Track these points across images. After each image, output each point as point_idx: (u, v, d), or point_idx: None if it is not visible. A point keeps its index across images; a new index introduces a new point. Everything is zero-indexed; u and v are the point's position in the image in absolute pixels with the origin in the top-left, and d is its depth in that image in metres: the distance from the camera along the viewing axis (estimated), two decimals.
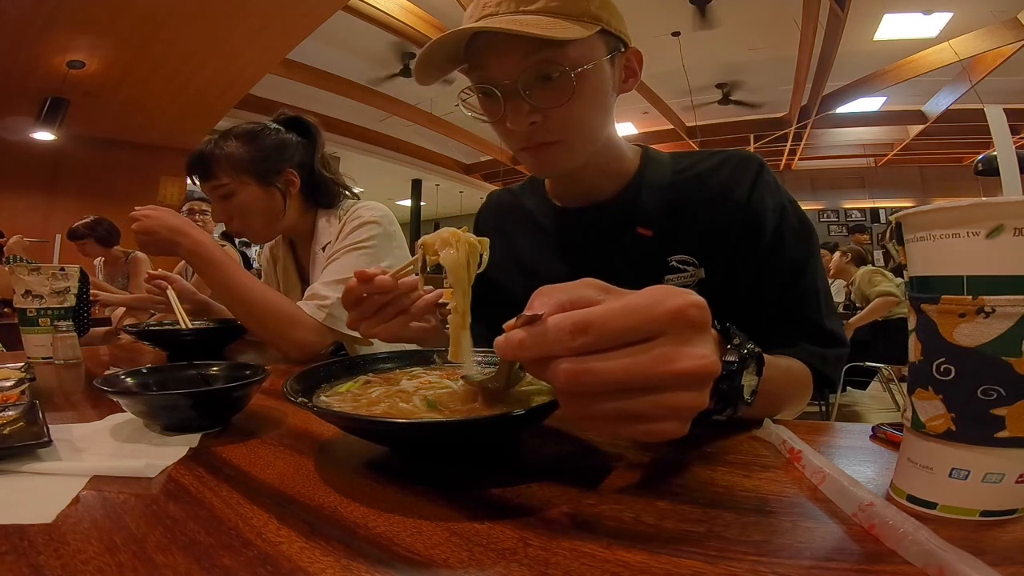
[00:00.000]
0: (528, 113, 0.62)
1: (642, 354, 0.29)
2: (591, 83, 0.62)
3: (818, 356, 0.63)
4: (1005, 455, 0.29)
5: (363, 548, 0.29)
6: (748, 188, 0.68)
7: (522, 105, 0.61)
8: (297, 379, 0.47)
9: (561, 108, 0.61)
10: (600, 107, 0.65)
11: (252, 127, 1.12)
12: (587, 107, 0.63)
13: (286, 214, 1.14)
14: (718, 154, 0.74)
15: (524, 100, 0.61)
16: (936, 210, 0.30)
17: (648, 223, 0.71)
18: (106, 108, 4.83)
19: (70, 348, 0.95)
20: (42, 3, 3.35)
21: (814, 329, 0.65)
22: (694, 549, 0.28)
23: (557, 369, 0.29)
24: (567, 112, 0.62)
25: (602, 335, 0.29)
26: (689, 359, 0.29)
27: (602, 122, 0.68)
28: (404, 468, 0.41)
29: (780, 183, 0.71)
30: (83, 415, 0.58)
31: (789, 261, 0.66)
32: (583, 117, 0.64)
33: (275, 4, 3.67)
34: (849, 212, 9.47)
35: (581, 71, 0.60)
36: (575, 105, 0.62)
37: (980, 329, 0.29)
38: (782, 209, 0.68)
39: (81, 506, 0.35)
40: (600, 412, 0.30)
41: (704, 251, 0.69)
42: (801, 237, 0.67)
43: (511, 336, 0.31)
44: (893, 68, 5.65)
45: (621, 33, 0.64)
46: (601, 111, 0.66)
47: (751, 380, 0.43)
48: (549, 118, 0.63)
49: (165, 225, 0.97)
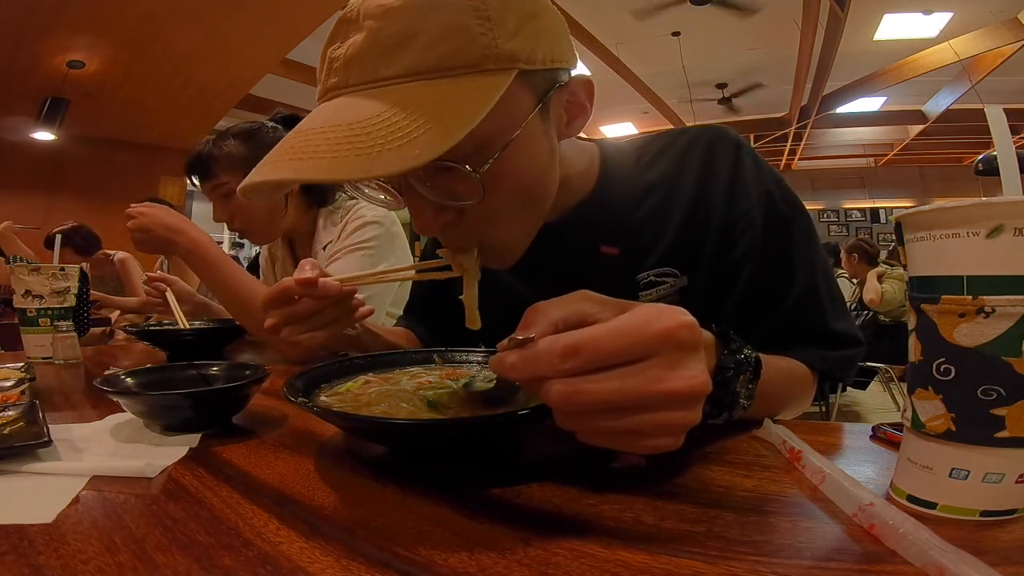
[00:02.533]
0: (434, 215, 0.46)
1: (632, 376, 0.29)
2: (515, 159, 0.44)
3: (821, 358, 0.58)
4: (1005, 455, 0.29)
5: (363, 548, 0.29)
6: (726, 185, 0.59)
7: (424, 205, 0.45)
8: (297, 379, 0.48)
9: (478, 204, 0.44)
10: (537, 180, 0.49)
11: (250, 126, 1.12)
12: (515, 192, 0.47)
13: (287, 212, 1.14)
14: (684, 135, 0.63)
15: (424, 198, 0.45)
16: (936, 210, 0.30)
17: (612, 240, 0.62)
18: (106, 108, 4.83)
19: (70, 348, 0.95)
20: (42, 3, 3.35)
21: (818, 333, 0.59)
22: (694, 549, 0.28)
23: (550, 390, 0.29)
24: (487, 207, 0.45)
25: (592, 357, 0.29)
26: (679, 380, 0.29)
27: (544, 192, 0.51)
28: (404, 468, 0.41)
29: (761, 163, 0.61)
30: (83, 415, 0.58)
31: (781, 263, 0.59)
32: (512, 207, 0.48)
33: (275, 4, 3.67)
34: (849, 212, 9.47)
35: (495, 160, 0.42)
36: (496, 198, 0.45)
37: (980, 329, 0.28)
38: (768, 197, 0.59)
39: (81, 506, 0.35)
40: (594, 429, 0.31)
41: (682, 259, 0.61)
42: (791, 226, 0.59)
43: (504, 358, 0.31)
44: (893, 68, 5.66)
45: (557, 62, 0.45)
46: (539, 183, 0.50)
47: (747, 385, 0.42)
48: (466, 216, 0.47)
49: (161, 223, 0.96)
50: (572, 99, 0.49)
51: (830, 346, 0.59)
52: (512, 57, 0.41)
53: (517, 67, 0.41)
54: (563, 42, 0.47)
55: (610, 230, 0.62)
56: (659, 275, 0.61)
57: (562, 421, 0.31)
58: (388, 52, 0.40)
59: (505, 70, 0.41)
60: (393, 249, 1.11)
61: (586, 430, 0.31)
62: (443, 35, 0.39)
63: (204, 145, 1.08)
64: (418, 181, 0.43)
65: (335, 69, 0.42)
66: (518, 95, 0.43)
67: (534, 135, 0.46)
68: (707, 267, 0.60)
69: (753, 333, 0.42)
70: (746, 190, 0.59)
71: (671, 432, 0.31)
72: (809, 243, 0.60)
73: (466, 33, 0.39)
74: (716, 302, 0.60)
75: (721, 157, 0.60)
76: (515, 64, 0.41)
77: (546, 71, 0.45)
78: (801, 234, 0.60)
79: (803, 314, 0.58)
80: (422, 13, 0.39)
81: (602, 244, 0.62)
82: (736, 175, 0.59)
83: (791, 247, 0.59)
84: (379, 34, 0.40)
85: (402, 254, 1.13)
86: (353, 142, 0.36)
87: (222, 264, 0.95)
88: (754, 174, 0.60)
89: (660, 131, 0.68)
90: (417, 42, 0.39)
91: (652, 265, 0.61)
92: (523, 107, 0.44)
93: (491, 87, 0.39)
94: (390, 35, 0.39)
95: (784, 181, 0.62)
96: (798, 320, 0.58)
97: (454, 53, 0.39)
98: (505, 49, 0.41)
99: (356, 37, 0.41)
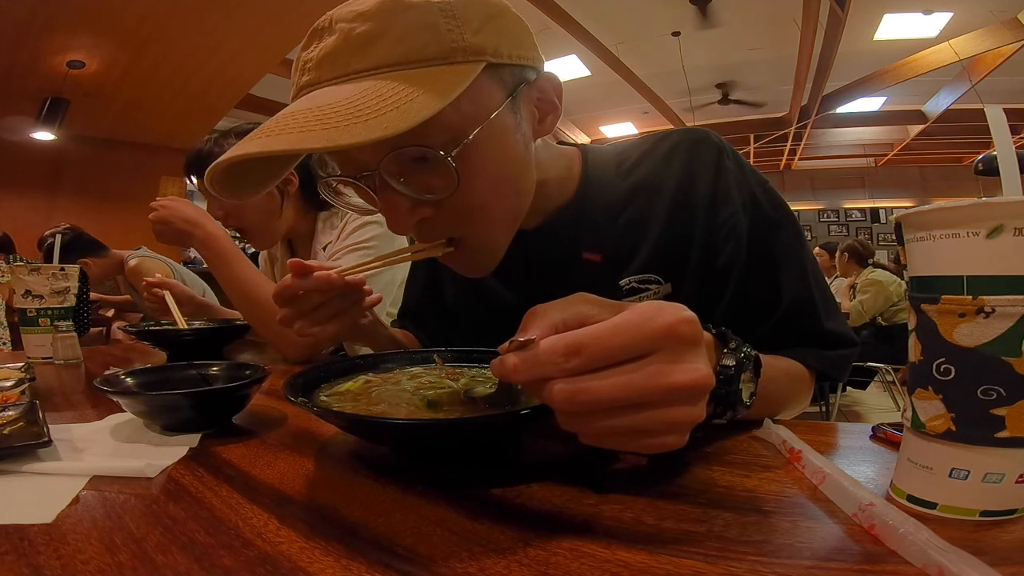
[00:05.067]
0: (409, 210, 0.46)
1: (635, 371, 0.29)
2: (488, 149, 0.45)
3: (818, 358, 0.58)
4: (1005, 455, 0.29)
5: (363, 548, 0.29)
6: (709, 190, 0.58)
7: (399, 200, 0.45)
8: (297, 379, 0.48)
9: (453, 197, 0.45)
10: (511, 174, 0.49)
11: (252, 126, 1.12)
12: (490, 184, 0.47)
13: (283, 213, 1.15)
14: (666, 139, 0.62)
15: (399, 193, 0.45)
16: (936, 210, 0.30)
17: (594, 247, 0.62)
18: (106, 108, 4.83)
19: (70, 348, 0.95)
20: (42, 3, 3.35)
21: (813, 334, 0.59)
22: (694, 549, 0.28)
23: (552, 389, 0.29)
24: (463, 200, 0.46)
25: (595, 356, 0.29)
26: (682, 373, 0.29)
27: (520, 187, 0.51)
28: (404, 468, 0.41)
29: (744, 166, 0.61)
30: (83, 415, 0.58)
31: (771, 267, 0.58)
32: (488, 200, 0.48)
33: (275, 4, 3.67)
34: (849, 212, 9.47)
35: (467, 143, 0.43)
36: (471, 189, 0.45)
37: (980, 329, 0.28)
38: (753, 201, 0.59)
39: (81, 506, 0.35)
40: (598, 429, 0.30)
41: (665, 266, 0.60)
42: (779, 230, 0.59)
43: (505, 360, 0.31)
44: (893, 68, 5.65)
45: (523, 59, 0.47)
46: (514, 177, 0.50)
47: (749, 383, 0.43)
48: (442, 210, 0.47)
49: (180, 216, 0.99)
50: (542, 96, 0.51)
51: (825, 346, 0.59)
52: (479, 50, 0.43)
53: (484, 59, 0.43)
54: (527, 41, 0.48)
55: (592, 237, 0.62)
56: (641, 281, 0.61)
57: (565, 422, 0.31)
58: (359, 49, 0.41)
59: (472, 62, 0.42)
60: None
61: (590, 431, 0.31)
62: (412, 31, 0.41)
63: (205, 143, 1.10)
64: (392, 176, 0.44)
65: (308, 68, 0.43)
66: (487, 87, 0.45)
67: (506, 127, 0.47)
68: (693, 274, 0.60)
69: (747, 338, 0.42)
70: (729, 195, 0.58)
71: (676, 429, 0.30)
72: (798, 246, 0.60)
73: (433, 29, 0.41)
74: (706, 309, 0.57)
75: (703, 162, 0.59)
76: (482, 56, 0.43)
77: (513, 67, 0.47)
78: (789, 237, 0.59)
79: (797, 317, 0.58)
80: (391, 14, 0.41)
81: (584, 251, 0.62)
82: (718, 180, 0.59)
83: (779, 251, 0.59)
84: (350, 34, 0.41)
85: None
86: (321, 119, 0.36)
87: (235, 260, 0.97)
88: (737, 178, 0.59)
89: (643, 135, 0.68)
90: (387, 38, 0.41)
91: (635, 271, 0.61)
92: (493, 99, 0.45)
93: (460, 75, 0.41)
94: (360, 34, 0.41)
95: (769, 184, 0.61)
96: (792, 324, 0.58)
97: (423, 47, 0.41)
98: (472, 42, 0.42)
99: (328, 40, 0.42)
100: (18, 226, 3.83)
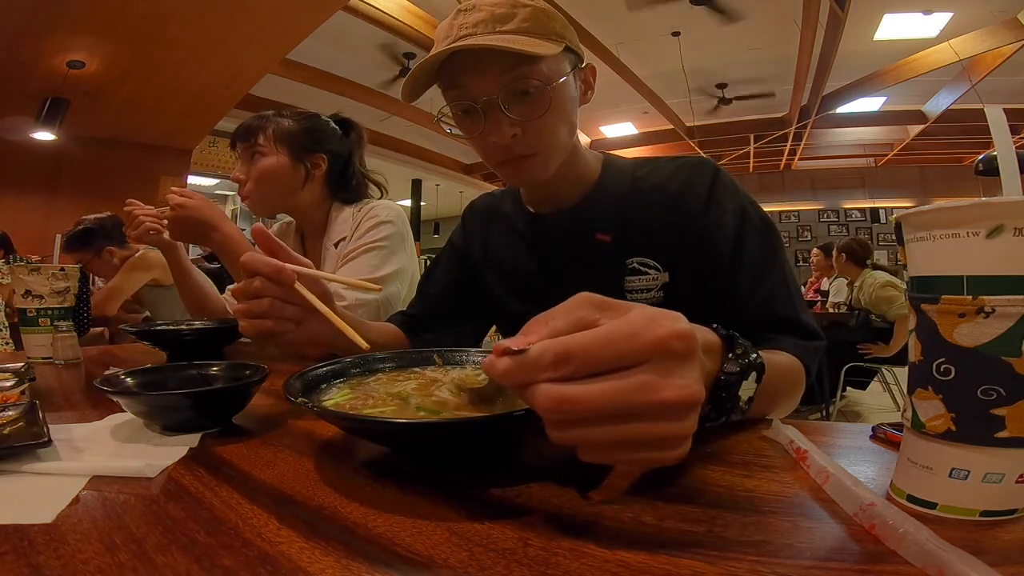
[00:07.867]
0: (509, 126, 0.66)
1: (623, 380, 0.28)
2: (561, 96, 0.68)
3: (802, 349, 0.64)
4: (1005, 455, 0.29)
5: (363, 548, 0.29)
6: (705, 196, 0.72)
7: (502, 119, 0.65)
8: (297, 379, 0.47)
9: (538, 121, 0.66)
10: (570, 119, 0.71)
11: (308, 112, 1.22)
12: (560, 119, 0.69)
13: (302, 193, 1.18)
14: (674, 160, 0.78)
15: (504, 114, 0.65)
16: (936, 210, 0.30)
17: (606, 229, 0.76)
18: (106, 108, 4.83)
19: (70, 348, 0.95)
20: (42, 3, 3.35)
21: (792, 325, 0.67)
22: (694, 549, 0.28)
23: (536, 393, 0.29)
24: (543, 124, 0.67)
25: (583, 365, 0.28)
26: (671, 390, 0.28)
27: (571, 132, 0.73)
28: (404, 468, 0.41)
29: (738, 186, 0.75)
30: (83, 415, 0.58)
31: (756, 262, 0.69)
32: (556, 129, 0.69)
33: (275, 4, 3.67)
34: (849, 212, 9.47)
35: (555, 85, 0.65)
36: (550, 118, 0.67)
37: (980, 329, 0.28)
38: (743, 211, 0.71)
39: (81, 506, 0.35)
40: (588, 440, 0.30)
41: (664, 255, 0.73)
42: (765, 237, 0.71)
43: (497, 363, 0.30)
44: (893, 68, 5.66)
45: (579, 50, 0.71)
46: (570, 122, 0.71)
47: (749, 388, 0.43)
48: (527, 131, 0.67)
49: (200, 217, 1.01)
50: (585, 78, 0.74)
51: (804, 337, 0.67)
52: (562, 36, 0.67)
53: (564, 43, 0.66)
54: (578, 42, 0.71)
55: (605, 220, 0.77)
56: (642, 264, 0.75)
57: (554, 434, 0.30)
58: (501, 19, 0.64)
59: (558, 42, 0.66)
60: (404, 248, 1.15)
61: (580, 442, 0.30)
62: (529, 16, 0.65)
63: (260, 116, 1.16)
64: (504, 101, 0.65)
65: (464, 26, 0.65)
66: (562, 61, 0.68)
67: (570, 87, 0.69)
68: (688, 264, 0.72)
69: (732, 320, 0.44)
70: (721, 203, 0.72)
71: (667, 443, 0.30)
72: (779, 250, 0.71)
73: (540, 18, 0.66)
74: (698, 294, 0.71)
75: (702, 175, 0.74)
76: (563, 40, 0.67)
77: (574, 54, 0.70)
78: (772, 243, 0.71)
79: (776, 304, 0.68)
80: (516, 5, 0.65)
81: (597, 232, 0.76)
82: (713, 189, 0.73)
83: (763, 251, 0.70)
84: (495, 11, 0.65)
85: (411, 253, 1.17)
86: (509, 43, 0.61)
87: None
88: (731, 193, 0.73)
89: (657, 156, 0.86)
90: (516, 18, 0.65)
91: (638, 253, 0.75)
92: (564, 68, 0.68)
93: (556, 46, 0.65)
94: (501, 13, 0.64)
95: (758, 204, 0.75)
96: (773, 309, 0.68)
97: (536, 26, 0.65)
98: (558, 31, 0.67)
99: (477, 14, 0.65)
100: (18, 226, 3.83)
